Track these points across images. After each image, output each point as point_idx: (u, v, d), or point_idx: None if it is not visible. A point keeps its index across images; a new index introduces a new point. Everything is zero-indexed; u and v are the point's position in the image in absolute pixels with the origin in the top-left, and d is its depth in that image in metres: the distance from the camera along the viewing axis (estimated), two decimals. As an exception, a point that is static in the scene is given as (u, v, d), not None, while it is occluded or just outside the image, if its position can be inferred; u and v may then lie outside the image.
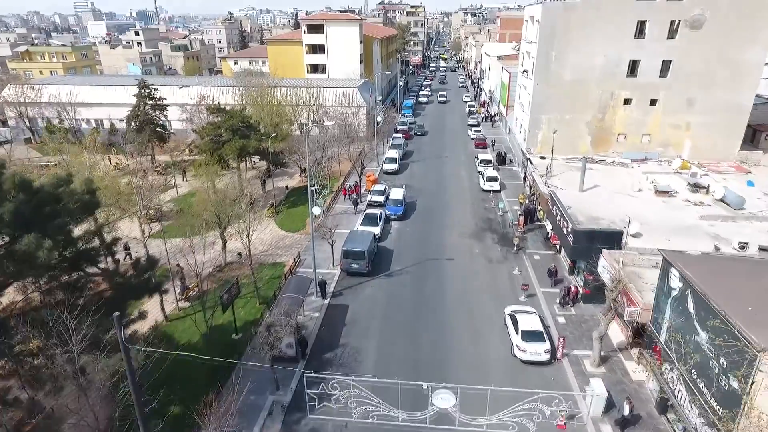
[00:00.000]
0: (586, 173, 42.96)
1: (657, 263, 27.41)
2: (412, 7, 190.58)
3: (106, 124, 72.65)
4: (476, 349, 27.30)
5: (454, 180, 55.87)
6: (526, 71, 51.81)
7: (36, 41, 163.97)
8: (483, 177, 52.00)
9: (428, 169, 60.16)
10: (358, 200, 46.91)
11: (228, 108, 49.51)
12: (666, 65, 45.01)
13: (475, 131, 74.38)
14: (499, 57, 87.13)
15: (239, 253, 37.44)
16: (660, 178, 41.49)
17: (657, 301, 21.17)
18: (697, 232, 32.25)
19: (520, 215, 41.44)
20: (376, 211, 42.79)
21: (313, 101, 64.38)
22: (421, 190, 52.56)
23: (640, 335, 25.77)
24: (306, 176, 44.79)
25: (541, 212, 42.42)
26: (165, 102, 62.08)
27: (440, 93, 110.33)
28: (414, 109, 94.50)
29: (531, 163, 46.39)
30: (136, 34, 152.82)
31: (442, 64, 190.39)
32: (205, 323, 27.22)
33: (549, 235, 39.44)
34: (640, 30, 44.64)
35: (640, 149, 47.88)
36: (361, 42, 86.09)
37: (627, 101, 46.54)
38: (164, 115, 61.89)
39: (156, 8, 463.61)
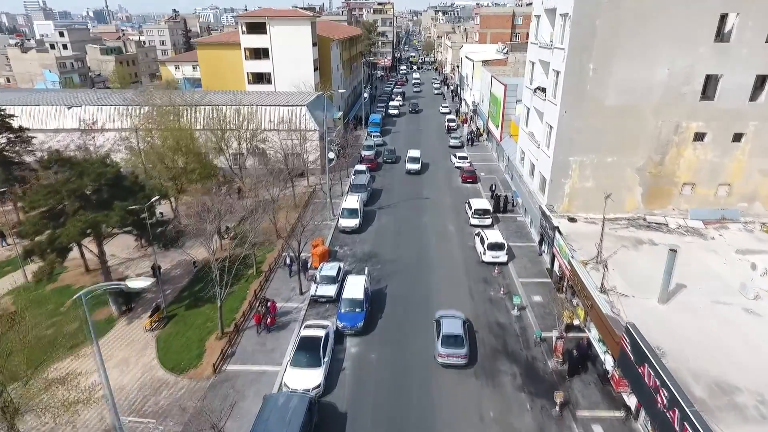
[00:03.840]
0: (645, 249, 27.80)
1: None
2: (379, 4, 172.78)
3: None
4: None
5: (439, 242, 39.26)
6: (541, 90, 35.65)
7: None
8: (483, 242, 35.66)
9: (402, 222, 43.35)
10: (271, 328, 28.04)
11: (91, 155, 31.97)
12: (760, 82, 29.67)
13: (460, 158, 58.13)
14: (485, 62, 71.21)
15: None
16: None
17: None
18: None
19: (558, 338, 25.09)
20: (319, 331, 25.39)
21: (245, 125, 47.24)
22: (393, 263, 35.89)
23: None
24: (228, 240, 27.68)
25: (582, 320, 26.46)
26: (29, 133, 44.01)
27: (410, 155, 57.54)
28: (383, 124, 77.93)
29: (559, 233, 30.29)
30: (61, 34, 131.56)
31: (416, 75, 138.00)
32: None
33: (610, 375, 23.49)
34: (722, 30, 29.28)
35: (713, 204, 32.48)
36: (315, 44, 68.91)
37: (699, 136, 30.98)
38: (29, 150, 43.66)
39: (107, 6, 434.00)
